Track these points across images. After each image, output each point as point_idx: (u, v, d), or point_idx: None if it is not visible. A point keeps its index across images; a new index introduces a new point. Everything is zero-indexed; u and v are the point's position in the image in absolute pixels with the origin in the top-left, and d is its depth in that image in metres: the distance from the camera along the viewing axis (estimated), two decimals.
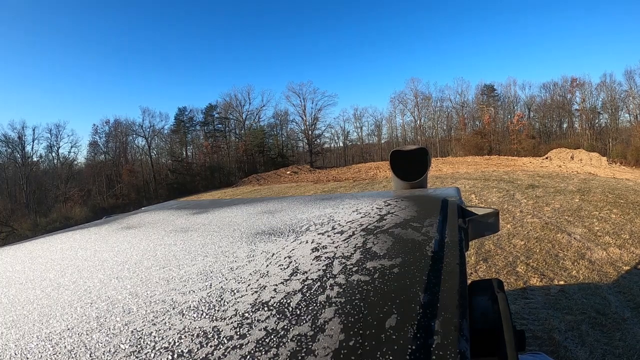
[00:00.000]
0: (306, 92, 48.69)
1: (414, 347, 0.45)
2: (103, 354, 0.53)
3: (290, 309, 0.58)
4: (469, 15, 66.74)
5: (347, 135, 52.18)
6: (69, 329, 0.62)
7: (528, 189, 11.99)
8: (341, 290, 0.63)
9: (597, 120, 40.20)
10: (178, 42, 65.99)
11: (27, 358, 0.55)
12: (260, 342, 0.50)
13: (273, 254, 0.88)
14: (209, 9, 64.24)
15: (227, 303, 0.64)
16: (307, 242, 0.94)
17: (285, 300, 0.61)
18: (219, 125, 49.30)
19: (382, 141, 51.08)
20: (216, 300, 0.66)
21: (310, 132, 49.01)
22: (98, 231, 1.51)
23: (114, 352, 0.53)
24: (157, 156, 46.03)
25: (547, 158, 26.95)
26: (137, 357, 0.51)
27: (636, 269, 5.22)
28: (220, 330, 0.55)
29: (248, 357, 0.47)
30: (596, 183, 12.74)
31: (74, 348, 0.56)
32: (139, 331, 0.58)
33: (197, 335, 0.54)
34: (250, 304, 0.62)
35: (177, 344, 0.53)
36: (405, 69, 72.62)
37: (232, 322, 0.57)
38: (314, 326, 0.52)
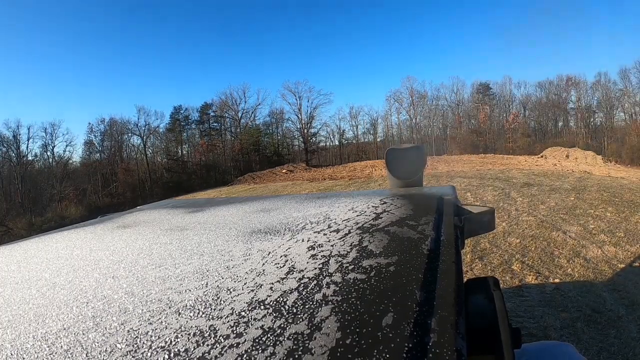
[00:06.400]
0: (302, 90, 48.64)
1: (410, 345, 0.45)
2: (99, 353, 0.53)
3: (287, 307, 0.58)
4: (465, 13, 66.88)
5: (343, 133, 52.18)
6: (65, 329, 0.62)
7: (523, 188, 12.03)
8: (337, 288, 0.63)
9: (592, 119, 40.50)
10: (174, 40, 65.67)
11: (24, 358, 0.55)
12: (256, 340, 0.50)
13: (269, 253, 0.88)
14: (204, 7, 63.95)
15: (224, 302, 0.64)
16: (303, 241, 0.94)
17: (281, 299, 0.61)
18: (215, 124, 49.24)
19: (378, 140, 51.18)
20: (212, 299, 0.65)
21: (306, 131, 48.99)
22: (93, 230, 1.50)
23: (110, 352, 0.53)
24: (152, 155, 45.95)
25: (542, 156, 27.05)
26: (133, 357, 0.51)
27: (631, 267, 5.26)
28: (217, 329, 0.55)
29: (245, 355, 0.47)
30: (591, 181, 12.82)
31: (70, 348, 0.56)
32: (135, 330, 0.58)
33: (194, 334, 0.54)
34: (247, 303, 0.62)
35: (173, 343, 0.53)
36: (401, 68, 72.93)
37: (228, 321, 0.57)
38: (310, 324, 0.52)
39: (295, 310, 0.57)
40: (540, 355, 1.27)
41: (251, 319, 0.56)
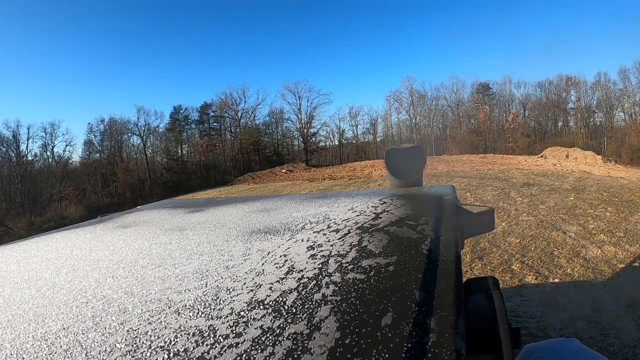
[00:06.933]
0: (302, 90, 48.46)
1: (409, 345, 0.45)
2: (99, 353, 0.53)
3: (286, 307, 0.58)
4: (465, 13, 66.91)
5: (343, 133, 52.01)
6: (64, 329, 0.62)
7: (523, 187, 12.04)
8: (337, 288, 0.63)
9: (592, 119, 40.49)
10: (174, 40, 65.60)
11: (23, 358, 0.55)
12: (256, 340, 0.50)
13: (268, 253, 0.88)
14: (204, 7, 63.90)
15: (223, 302, 0.64)
16: (302, 241, 0.94)
17: (281, 299, 0.61)
18: (215, 124, 49.20)
19: (378, 139, 51.11)
20: (212, 298, 0.65)
21: (305, 131, 48.91)
22: (93, 230, 1.50)
23: (109, 352, 0.53)
24: (152, 155, 45.90)
25: (542, 156, 27.03)
26: (133, 357, 0.51)
27: (631, 267, 5.26)
28: (216, 328, 0.55)
29: (244, 355, 0.47)
30: (591, 181, 12.83)
31: (69, 347, 0.56)
32: (135, 330, 0.58)
33: (193, 334, 0.54)
34: (246, 303, 0.62)
35: (173, 342, 0.53)
36: (401, 68, 72.85)
37: (228, 321, 0.56)
38: (309, 324, 0.52)
39: (294, 310, 0.57)
40: (547, 353, 1.27)
41: (250, 318, 0.56)
